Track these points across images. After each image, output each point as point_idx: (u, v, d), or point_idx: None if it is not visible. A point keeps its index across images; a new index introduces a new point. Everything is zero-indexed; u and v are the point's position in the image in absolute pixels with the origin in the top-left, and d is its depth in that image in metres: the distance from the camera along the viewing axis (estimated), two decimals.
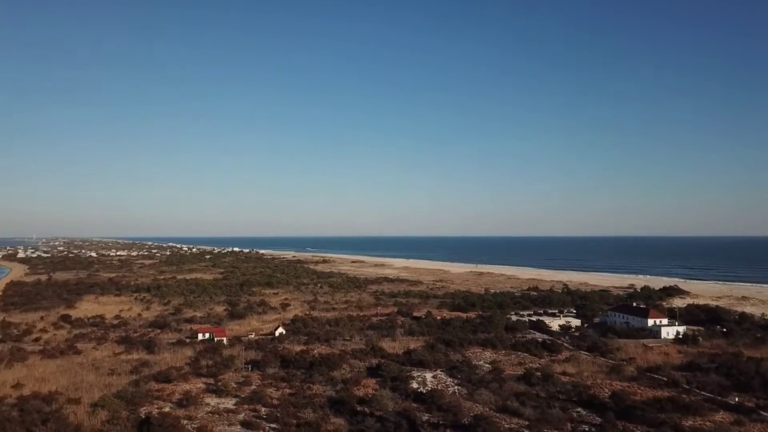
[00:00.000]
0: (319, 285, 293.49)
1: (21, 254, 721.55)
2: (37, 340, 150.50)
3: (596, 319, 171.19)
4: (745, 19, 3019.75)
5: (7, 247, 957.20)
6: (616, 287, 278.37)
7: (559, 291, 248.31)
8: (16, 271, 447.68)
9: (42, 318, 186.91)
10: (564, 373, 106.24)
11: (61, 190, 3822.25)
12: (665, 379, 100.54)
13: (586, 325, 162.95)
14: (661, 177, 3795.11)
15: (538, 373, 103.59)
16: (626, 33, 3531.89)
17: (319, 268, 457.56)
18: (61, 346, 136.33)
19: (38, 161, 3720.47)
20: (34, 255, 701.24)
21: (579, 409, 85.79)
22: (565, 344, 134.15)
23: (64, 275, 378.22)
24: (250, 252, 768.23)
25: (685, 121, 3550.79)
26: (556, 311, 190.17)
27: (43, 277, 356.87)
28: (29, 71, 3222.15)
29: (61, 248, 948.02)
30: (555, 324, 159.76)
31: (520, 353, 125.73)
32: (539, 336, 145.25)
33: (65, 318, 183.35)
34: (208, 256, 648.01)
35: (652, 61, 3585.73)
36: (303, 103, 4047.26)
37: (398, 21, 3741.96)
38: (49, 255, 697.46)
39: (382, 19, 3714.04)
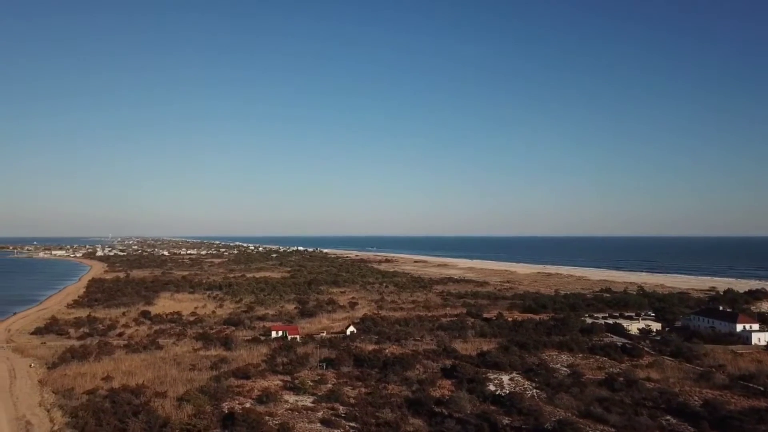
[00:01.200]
0: (384, 284, 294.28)
1: (99, 252, 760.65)
2: (120, 334, 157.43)
3: (678, 323, 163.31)
4: (744, 19, 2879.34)
5: (87, 246, 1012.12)
6: (696, 290, 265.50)
7: (634, 293, 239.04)
8: (97, 269, 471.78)
9: (124, 314, 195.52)
10: (648, 379, 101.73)
11: (134, 192, 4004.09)
12: (761, 388, 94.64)
13: (667, 329, 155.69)
14: (721, 177, 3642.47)
15: (621, 378, 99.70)
16: (624, 34, 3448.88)
17: (383, 267, 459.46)
18: (143, 341, 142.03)
19: (112, 168, 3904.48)
20: (111, 253, 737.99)
21: (668, 417, 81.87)
22: (646, 349, 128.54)
23: (141, 273, 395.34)
24: (314, 251, 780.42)
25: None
26: (633, 314, 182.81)
27: (122, 275, 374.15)
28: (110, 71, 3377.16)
29: (135, 247, 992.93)
30: (634, 327, 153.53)
31: (598, 357, 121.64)
32: (617, 339, 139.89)
33: (145, 314, 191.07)
34: (274, 255, 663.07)
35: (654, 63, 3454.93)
36: (357, 106, 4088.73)
37: (399, 23, 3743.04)
38: (125, 253, 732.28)
39: (383, 22, 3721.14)
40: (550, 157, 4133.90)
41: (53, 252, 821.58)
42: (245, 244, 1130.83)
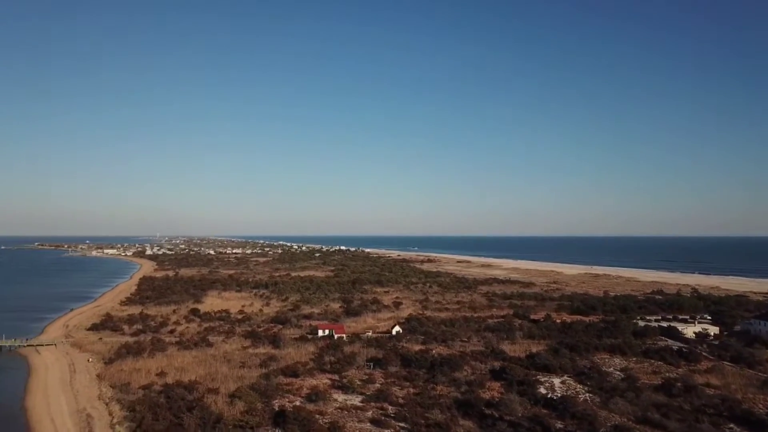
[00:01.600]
0: (428, 284, 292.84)
1: (149, 251, 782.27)
2: (172, 331, 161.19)
3: (737, 327, 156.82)
4: (744, 19, 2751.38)
5: (136, 245, 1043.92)
6: (754, 292, 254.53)
7: (688, 295, 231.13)
8: (146, 267, 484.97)
9: (174, 311, 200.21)
10: (708, 385, 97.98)
11: (181, 191, 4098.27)
12: None
13: (726, 333, 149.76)
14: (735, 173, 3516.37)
15: (679, 384, 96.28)
16: (624, 34, 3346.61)
17: (425, 267, 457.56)
18: (194, 339, 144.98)
19: (112, 168, 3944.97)
20: (159, 252, 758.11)
21: (731, 425, 78.62)
22: (704, 353, 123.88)
23: (188, 271, 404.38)
24: (356, 250, 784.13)
25: None
26: (688, 317, 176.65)
27: (171, 273, 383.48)
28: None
29: (182, 246, 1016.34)
30: (689, 331, 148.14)
31: (653, 361, 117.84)
32: (672, 343, 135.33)
33: (194, 312, 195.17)
34: (317, 254, 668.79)
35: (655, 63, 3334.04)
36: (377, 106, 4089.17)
37: (399, 23, 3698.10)
38: (172, 252, 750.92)
39: (383, 22, 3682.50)
40: (550, 157, 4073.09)
41: (105, 251, 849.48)
42: (289, 244, 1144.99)
